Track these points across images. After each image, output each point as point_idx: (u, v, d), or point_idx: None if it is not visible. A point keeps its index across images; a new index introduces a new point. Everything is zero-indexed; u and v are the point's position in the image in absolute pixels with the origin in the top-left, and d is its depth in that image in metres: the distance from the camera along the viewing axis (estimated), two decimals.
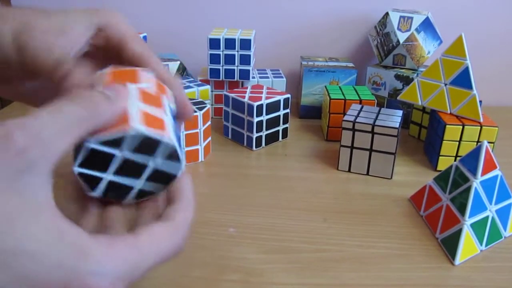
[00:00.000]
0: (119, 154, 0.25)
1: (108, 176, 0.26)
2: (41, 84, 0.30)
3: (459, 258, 0.40)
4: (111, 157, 0.25)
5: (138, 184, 0.27)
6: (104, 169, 0.25)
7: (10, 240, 0.19)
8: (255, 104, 0.59)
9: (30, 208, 0.20)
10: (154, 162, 0.26)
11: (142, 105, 0.26)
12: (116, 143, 0.24)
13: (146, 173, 0.27)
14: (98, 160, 0.25)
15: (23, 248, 0.19)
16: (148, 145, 0.25)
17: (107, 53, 0.30)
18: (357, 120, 0.54)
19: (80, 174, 0.25)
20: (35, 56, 0.27)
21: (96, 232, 0.23)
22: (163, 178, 0.27)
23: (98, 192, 0.26)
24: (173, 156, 0.26)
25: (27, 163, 0.20)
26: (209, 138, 0.60)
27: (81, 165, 0.25)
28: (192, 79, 0.72)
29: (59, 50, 0.27)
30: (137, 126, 0.24)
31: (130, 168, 0.26)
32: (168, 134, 0.26)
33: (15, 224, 0.19)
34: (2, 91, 0.31)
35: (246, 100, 0.60)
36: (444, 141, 0.56)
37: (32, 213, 0.20)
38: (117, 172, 0.26)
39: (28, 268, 0.19)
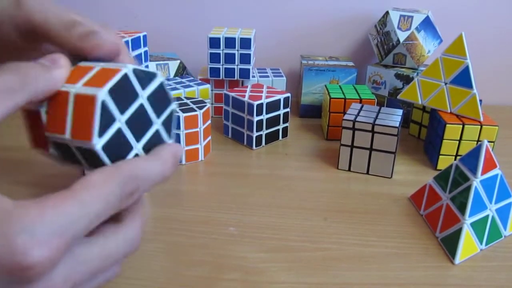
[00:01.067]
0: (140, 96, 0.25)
1: (118, 123, 0.24)
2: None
3: (459, 257, 0.40)
4: (133, 97, 0.25)
5: (137, 146, 0.26)
6: (120, 111, 0.24)
7: None
8: (255, 103, 0.59)
9: None
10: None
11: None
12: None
13: (149, 133, 0.26)
14: (123, 95, 0.24)
15: None
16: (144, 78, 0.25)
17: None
18: (357, 119, 0.54)
19: (104, 105, 0.23)
20: (45, 13, 0.26)
21: None
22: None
23: (106, 138, 0.24)
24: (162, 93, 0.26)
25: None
26: (209, 137, 0.60)
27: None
28: (192, 78, 0.72)
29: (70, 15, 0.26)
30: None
31: (140, 121, 0.25)
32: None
33: None
34: None
35: (246, 99, 0.60)
36: (444, 140, 0.56)
37: None
38: (129, 122, 0.25)
39: None
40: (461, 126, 0.55)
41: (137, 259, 0.38)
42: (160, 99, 0.27)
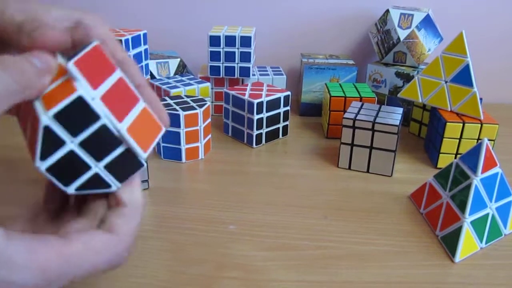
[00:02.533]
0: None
1: (71, 145, 0.24)
2: None
3: (459, 256, 0.40)
4: (92, 118, 0.23)
5: (96, 166, 0.25)
6: (71, 134, 0.24)
7: None
8: (255, 101, 0.59)
9: None
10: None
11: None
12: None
13: (112, 155, 0.25)
14: (76, 117, 0.23)
15: None
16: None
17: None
18: (357, 118, 0.54)
19: (47, 130, 0.23)
20: (10, 19, 0.25)
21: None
22: (124, 169, 0.25)
23: (51, 160, 0.24)
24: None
25: None
26: (209, 136, 0.60)
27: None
28: (192, 76, 0.72)
29: (41, 16, 0.26)
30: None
31: (97, 143, 0.24)
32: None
33: None
34: None
35: (246, 97, 0.60)
36: (444, 139, 0.56)
37: None
38: (83, 143, 0.24)
39: None
40: (461, 124, 0.55)
41: (137, 257, 0.38)
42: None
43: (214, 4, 0.83)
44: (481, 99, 0.56)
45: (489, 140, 0.42)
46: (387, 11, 0.73)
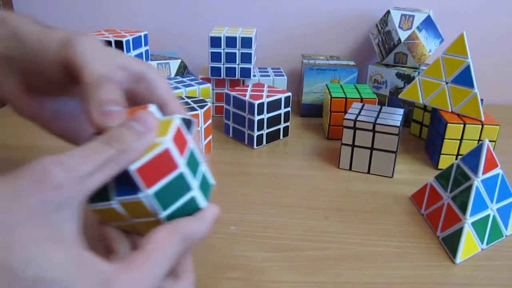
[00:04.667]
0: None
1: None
2: (64, 105, 0.32)
3: (460, 257, 0.40)
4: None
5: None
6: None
7: (36, 268, 0.19)
8: (256, 102, 0.59)
9: (56, 239, 0.20)
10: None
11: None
12: None
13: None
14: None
15: (47, 277, 0.19)
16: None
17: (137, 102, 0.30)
18: (358, 119, 0.54)
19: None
20: (83, 57, 0.27)
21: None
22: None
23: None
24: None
25: (62, 198, 0.21)
26: (210, 136, 0.60)
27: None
28: (193, 77, 0.72)
29: (104, 67, 0.27)
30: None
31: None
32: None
33: (43, 253, 0.19)
34: (26, 105, 0.32)
35: (247, 98, 0.60)
36: (445, 140, 0.56)
37: (57, 244, 0.20)
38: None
39: None
40: (462, 125, 0.55)
41: None
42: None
43: (214, 5, 0.83)
44: (482, 100, 0.56)
45: (490, 141, 0.42)
46: (388, 12, 0.73)
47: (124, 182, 0.24)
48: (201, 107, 0.57)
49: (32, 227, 0.20)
